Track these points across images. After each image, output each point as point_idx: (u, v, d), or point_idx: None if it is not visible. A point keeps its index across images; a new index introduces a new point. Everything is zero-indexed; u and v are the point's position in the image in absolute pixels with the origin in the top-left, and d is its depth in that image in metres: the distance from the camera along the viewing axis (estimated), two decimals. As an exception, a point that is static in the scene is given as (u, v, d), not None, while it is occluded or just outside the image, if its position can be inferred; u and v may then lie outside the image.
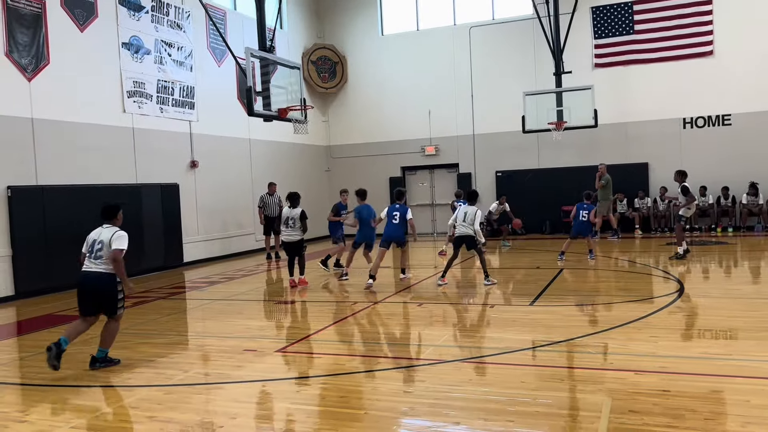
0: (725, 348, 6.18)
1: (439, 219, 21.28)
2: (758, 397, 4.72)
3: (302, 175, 20.39)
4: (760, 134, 17.21)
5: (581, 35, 18.49)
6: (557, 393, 5.12)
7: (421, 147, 20.90)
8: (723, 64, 17.50)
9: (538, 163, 19.32)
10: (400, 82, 20.90)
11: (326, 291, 10.85)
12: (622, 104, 18.39)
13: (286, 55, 17.45)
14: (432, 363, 6.09)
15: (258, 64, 11.65)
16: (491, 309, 8.81)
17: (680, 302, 8.35)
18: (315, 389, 5.57)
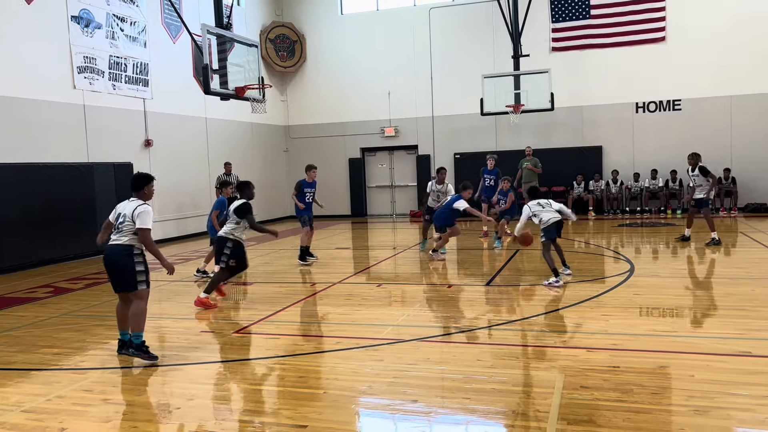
0: (671, 325, 6.42)
1: (398, 200, 21.37)
2: (701, 372, 4.93)
3: (260, 155, 20.17)
4: (708, 119, 17.77)
5: (539, 19, 18.68)
6: (512, 370, 5.24)
7: (380, 128, 20.88)
8: (675, 50, 17.95)
9: (496, 146, 19.53)
10: (360, 62, 20.77)
11: (286, 272, 10.80)
12: (578, 88, 18.71)
13: (244, 32, 17.13)
14: (391, 342, 6.15)
15: (215, 41, 11.41)
16: (449, 289, 8.93)
17: (630, 281, 8.62)
18: (273, 370, 5.56)
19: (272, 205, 20.75)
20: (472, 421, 4.31)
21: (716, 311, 7.05)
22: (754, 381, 4.68)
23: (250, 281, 10.11)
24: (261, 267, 11.58)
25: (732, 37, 17.42)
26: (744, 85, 17.43)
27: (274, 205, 20.94)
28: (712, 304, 7.38)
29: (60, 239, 12.33)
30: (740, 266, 9.80)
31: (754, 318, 6.69)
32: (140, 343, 5.74)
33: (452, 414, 4.43)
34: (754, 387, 4.56)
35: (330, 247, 14.00)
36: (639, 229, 15.12)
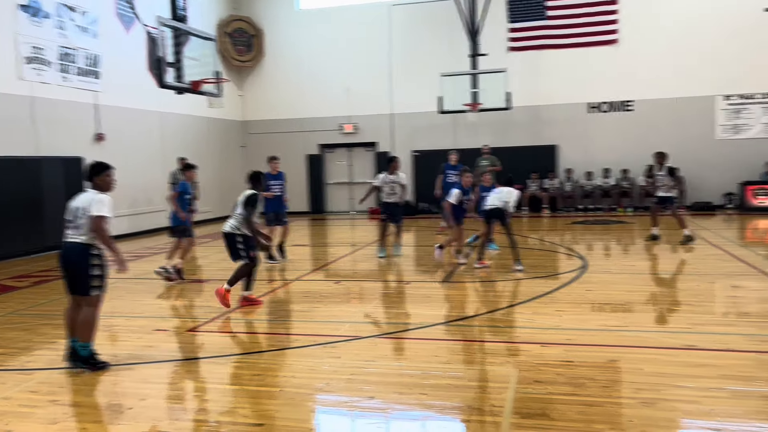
0: (622, 320, 6.60)
1: (357, 197, 21.31)
2: (650, 365, 5.09)
3: (217, 150, 19.86)
4: (658, 120, 18.31)
5: (497, 19, 18.88)
6: (468, 366, 5.31)
7: (339, 125, 20.80)
8: (627, 52, 18.42)
9: (455, 144, 19.67)
10: (319, 58, 20.64)
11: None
12: (534, 88, 19.01)
13: (200, 25, 16.78)
14: (348, 339, 6.14)
15: (169, 34, 11.18)
16: (407, 285, 8.98)
17: (583, 278, 8.82)
18: (229, 368, 5.49)
19: (229, 201, 20.41)
20: (429, 417, 4.35)
21: (663, 306, 7.28)
22: (699, 373, 4.85)
23: (205, 278, 9.96)
24: (217, 264, 11.41)
25: (681, 42, 17.97)
26: (691, 87, 18.00)
27: (231, 202, 20.60)
28: (659, 299, 7.61)
29: (5, 236, 11.89)
30: (687, 263, 10.14)
31: (700, 312, 6.94)
32: (88, 355, 5.30)
33: (409, 410, 4.46)
34: (699, 379, 4.72)
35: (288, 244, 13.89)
36: (591, 226, 15.48)
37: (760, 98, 17.77)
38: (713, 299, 7.71)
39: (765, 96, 17.73)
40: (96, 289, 5.31)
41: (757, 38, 17.49)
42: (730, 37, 17.62)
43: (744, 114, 17.93)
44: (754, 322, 6.35)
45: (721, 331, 6.08)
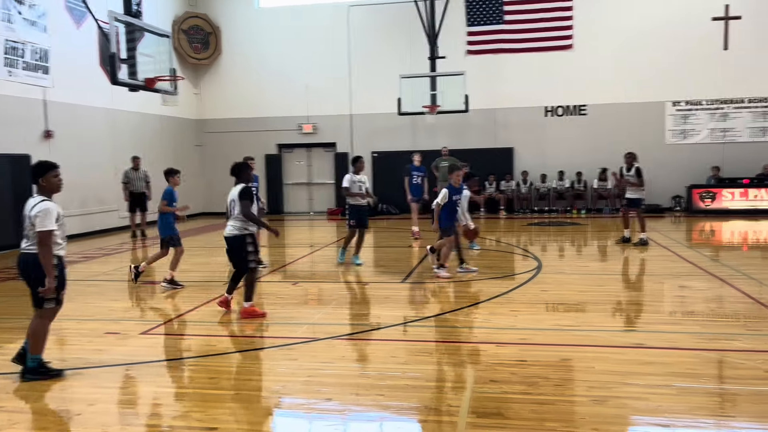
0: (575, 320, 6.74)
1: (315, 198, 21.24)
2: (601, 364, 5.21)
3: (171, 149, 19.48)
4: (611, 124, 18.79)
5: (455, 22, 19.06)
6: (425, 366, 5.34)
7: (298, 125, 20.67)
8: (581, 58, 18.84)
9: (414, 145, 19.77)
10: (278, 57, 20.48)
11: (197, 270, 10.50)
12: (492, 91, 19.27)
13: (155, 21, 16.41)
14: (305, 341, 6.11)
15: (123, 29, 10.90)
16: (365, 287, 8.98)
17: (538, 278, 8.99)
18: (183, 371, 5.40)
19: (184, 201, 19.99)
20: (386, 418, 4.35)
21: (614, 306, 7.47)
22: (647, 371, 5.00)
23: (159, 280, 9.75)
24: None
25: (632, 49, 18.49)
26: (642, 93, 18.55)
27: (186, 202, 20.18)
28: (610, 299, 7.81)
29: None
30: (636, 263, 10.42)
31: (648, 312, 7.15)
32: (36, 366, 5.07)
33: (366, 411, 4.46)
34: (647, 377, 4.87)
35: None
36: (546, 228, 15.78)
37: (706, 105, 18.43)
38: (662, 299, 7.95)
39: (711, 102, 18.40)
40: (51, 302, 5.05)
41: (704, 47, 18.14)
42: (679, 45, 18.23)
43: (691, 119, 18.57)
44: (699, 321, 6.58)
45: (668, 329, 6.28)
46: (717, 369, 5.12)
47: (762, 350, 5.48)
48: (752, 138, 18.27)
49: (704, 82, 18.29)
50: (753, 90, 18.11)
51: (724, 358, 5.30)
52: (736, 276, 8.76)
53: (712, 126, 18.45)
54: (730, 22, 18.03)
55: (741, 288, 7.96)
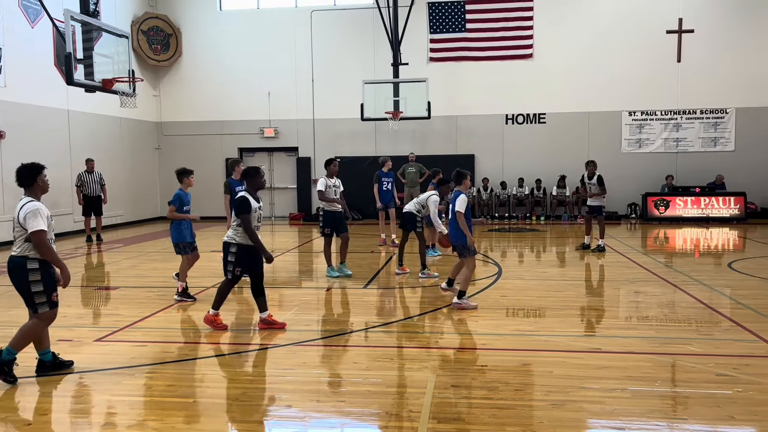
0: (534, 325, 6.84)
1: (277, 203, 21.07)
2: (559, 368, 5.30)
3: (129, 152, 19.09)
4: (569, 133, 19.19)
5: (418, 29, 19.23)
6: (387, 372, 5.34)
7: (260, 129, 20.50)
8: (541, 67, 19.21)
9: (376, 150, 19.83)
10: (240, 60, 20.29)
11: (156, 275, 10.29)
12: (454, 98, 19.47)
13: (113, 21, 16.12)
14: (266, 347, 6.04)
15: (79, 28, 10.66)
16: (327, 292, 8.94)
17: (498, 284, 9.09)
18: (139, 379, 5.27)
19: (142, 205, 19.72)
20: (347, 424, 4.34)
21: (572, 311, 7.60)
22: (604, 375, 5.10)
23: (115, 285, 9.53)
24: (128, 270, 10.96)
25: (590, 59, 18.95)
26: (599, 102, 19.02)
27: (144, 206, 19.91)
28: (568, 304, 7.95)
29: None
30: (594, 269, 10.64)
31: (605, 317, 7.31)
32: (9, 361, 4.99)
33: (327, 418, 4.43)
34: (604, 381, 4.97)
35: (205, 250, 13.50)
36: (506, 234, 15.98)
37: (661, 115, 18.98)
38: (618, 304, 8.14)
39: (665, 113, 18.96)
40: (43, 306, 4.98)
41: (659, 58, 18.71)
42: (635, 56, 18.76)
43: (646, 129, 19.10)
44: (653, 326, 6.75)
45: (624, 334, 6.42)
46: (670, 373, 5.26)
47: (713, 354, 5.65)
48: (704, 148, 18.89)
49: (659, 93, 18.86)
50: (704, 101, 18.74)
51: (677, 362, 5.45)
52: (688, 282, 9.03)
53: (666, 136, 19.01)
54: (683, 35, 18.63)
55: (693, 293, 8.21)
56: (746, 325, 6.57)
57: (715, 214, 17.72)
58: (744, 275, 9.61)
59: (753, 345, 5.91)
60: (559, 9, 19.06)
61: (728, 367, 5.25)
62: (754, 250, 12.70)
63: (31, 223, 4.86)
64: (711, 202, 17.85)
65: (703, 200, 17.89)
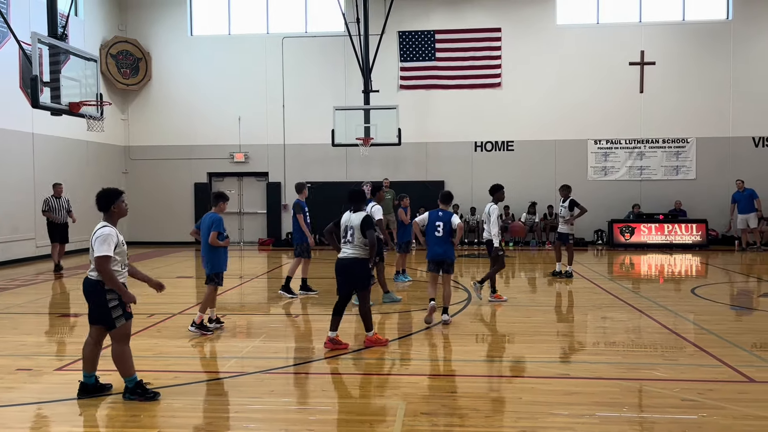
0: (503, 351, 6.86)
1: (246, 228, 20.90)
2: (528, 394, 5.31)
3: (96, 176, 18.77)
4: (537, 160, 19.53)
5: (389, 57, 19.48)
6: (356, 400, 5.28)
7: (229, 153, 20.40)
8: (509, 96, 19.60)
9: (347, 176, 19.88)
10: (210, 85, 20.26)
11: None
12: (424, 125, 19.70)
13: (82, 45, 16.00)
14: (233, 375, 5.94)
15: (46, 51, 10.54)
16: (296, 319, 8.85)
17: (468, 310, 9.11)
18: (102, 409, 5.12)
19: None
20: (315, 454, 4.26)
21: (541, 337, 7.65)
22: (572, 401, 5.13)
23: (78, 312, 9.28)
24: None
25: (557, 89, 19.41)
26: (566, 131, 19.44)
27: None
28: (537, 330, 8.00)
29: None
30: (562, 295, 10.75)
31: (573, 342, 7.37)
32: (134, 385, 5.21)
33: (295, 447, 4.35)
34: (572, 407, 4.99)
35: (171, 276, 13.30)
36: (476, 259, 16.08)
37: (625, 144, 19.46)
38: (585, 329, 8.22)
39: (629, 142, 19.45)
40: (120, 319, 5.15)
41: (622, 89, 19.26)
42: (600, 86, 19.29)
43: (611, 158, 19.55)
44: (620, 351, 6.83)
45: (591, 359, 6.48)
46: (637, 398, 5.31)
47: (678, 379, 5.73)
48: (666, 176, 19.39)
49: (623, 122, 19.37)
50: (666, 131, 19.30)
51: (644, 387, 5.51)
52: (653, 307, 9.18)
53: (630, 164, 19.48)
54: (645, 67, 19.24)
55: (658, 319, 8.34)
56: (710, 350, 6.70)
57: (678, 241, 18.13)
58: (707, 301, 9.82)
59: (717, 370, 6.02)
60: (527, 40, 19.53)
61: (693, 392, 5.33)
62: (715, 276, 12.99)
63: (98, 248, 5.05)
64: (674, 229, 18.27)
65: (667, 227, 18.30)
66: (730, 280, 12.47)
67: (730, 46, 19.02)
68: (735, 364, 6.13)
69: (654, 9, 19.47)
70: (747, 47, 18.98)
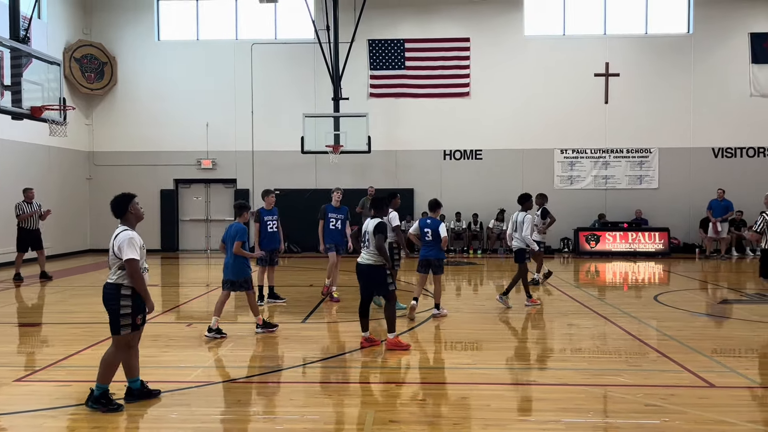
0: (471, 358, 6.91)
1: (213, 235, 20.64)
2: (496, 401, 5.35)
3: (59, 182, 18.39)
4: (505, 168, 19.75)
5: (359, 65, 19.52)
6: (324, 408, 5.25)
7: (197, 160, 20.16)
8: (477, 105, 19.81)
9: (316, 183, 19.82)
10: (177, 91, 20.01)
11: (83, 311, 9.84)
12: (393, 133, 19.77)
13: (45, 48, 15.66)
14: (200, 385, 5.85)
15: (8, 54, 10.30)
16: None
17: (437, 317, 9.15)
18: (62, 421, 4.99)
19: (71, 237, 18.93)
20: (283, 464, 4.22)
21: (508, 344, 7.73)
22: (539, 407, 5.19)
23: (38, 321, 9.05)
24: (54, 306, 10.44)
25: (525, 99, 19.68)
26: (533, 140, 19.72)
27: (73, 238, 19.12)
28: (505, 337, 8.08)
29: None
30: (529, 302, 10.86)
31: (540, 349, 7.45)
32: (102, 393, 5.16)
33: (262, 457, 4.30)
34: (539, 413, 5.05)
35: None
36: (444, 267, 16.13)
37: (590, 153, 19.82)
38: (552, 337, 8.32)
39: (594, 151, 19.81)
40: (126, 328, 5.19)
41: (589, 99, 19.64)
42: (566, 97, 19.62)
43: (577, 167, 19.89)
44: (585, 358, 6.93)
45: (558, 366, 6.57)
46: (602, 403, 5.39)
47: (642, 385, 5.84)
48: (630, 185, 19.81)
49: (588, 132, 19.74)
50: (630, 141, 19.72)
51: (608, 393, 5.60)
52: (618, 314, 9.35)
53: (596, 173, 19.84)
54: (610, 78, 19.65)
55: (622, 326, 8.50)
56: (672, 356, 6.84)
57: (641, 249, 18.52)
58: (669, 308, 10.03)
59: (679, 375, 6.15)
60: (495, 50, 19.77)
61: (656, 397, 5.43)
62: (677, 283, 13.30)
63: (126, 251, 5.08)
64: (638, 237, 18.65)
65: (631, 235, 18.68)
66: (691, 287, 12.76)
67: (690, 59, 19.57)
68: (696, 370, 6.28)
69: (618, 22, 19.92)
70: (706, 61, 19.54)
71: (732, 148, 19.60)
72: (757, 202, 17.98)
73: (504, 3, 19.68)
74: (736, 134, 19.52)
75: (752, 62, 19.44)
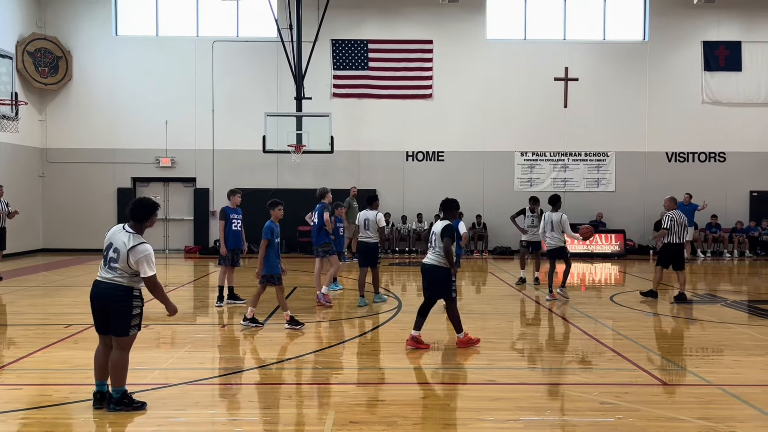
0: (433, 358, 6.94)
1: (172, 235, 20.28)
2: (456, 401, 5.40)
3: (10, 179, 17.72)
4: (466, 170, 19.94)
5: (322, 64, 19.45)
6: (284, 410, 5.21)
7: (155, 158, 19.77)
8: (440, 107, 19.95)
9: (278, 183, 19.67)
10: (136, 87, 19.59)
11: (34, 313, 9.53)
12: (356, 134, 19.75)
13: (-4, 40, 15.14)
14: (156, 387, 5.73)
15: (-44, 45, 9.91)
16: (222, 329, 8.65)
17: (398, 318, 9.17)
18: (11, 426, 4.83)
19: (22, 236, 18.32)
20: (241, 467, 4.17)
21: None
22: (498, 407, 5.25)
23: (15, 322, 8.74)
24: (4, 306, 10.09)
25: (485, 102, 19.91)
26: (494, 143, 19.96)
27: (24, 237, 18.51)
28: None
29: None
30: (489, 303, 11.00)
31: (499, 349, 7.54)
32: (120, 395, 5.09)
33: (220, 460, 4.24)
34: (498, 412, 5.10)
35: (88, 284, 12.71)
36: (407, 267, 16.22)
37: (550, 156, 20.17)
38: (511, 336, 8.42)
39: (554, 154, 20.16)
40: (134, 328, 5.17)
41: (548, 103, 19.98)
42: (527, 100, 19.93)
43: (537, 169, 20.21)
44: (545, 357, 7.04)
45: (517, 366, 6.66)
46: (559, 402, 5.49)
47: (597, 383, 5.97)
48: (588, 188, 20.23)
49: (548, 135, 20.08)
50: (588, 145, 20.14)
51: (565, 392, 5.70)
52: (575, 314, 9.53)
53: (555, 176, 20.20)
54: (569, 83, 20.03)
55: (579, 325, 8.66)
56: (626, 355, 7.01)
57: (598, 251, 18.92)
58: (624, 308, 10.28)
59: (633, 374, 6.30)
60: (457, 53, 19.94)
61: (611, 395, 5.56)
62: (633, 284, 13.63)
63: (145, 268, 5.06)
64: (595, 239, 19.04)
65: (588, 237, 19.05)
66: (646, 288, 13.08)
67: (646, 65, 20.10)
68: (649, 368, 6.44)
69: (577, 28, 20.33)
70: (661, 67, 20.10)
71: (685, 153, 20.20)
72: (710, 206, 18.65)
73: (467, 6, 19.87)
74: (689, 140, 20.14)
75: (704, 70, 20.09)
